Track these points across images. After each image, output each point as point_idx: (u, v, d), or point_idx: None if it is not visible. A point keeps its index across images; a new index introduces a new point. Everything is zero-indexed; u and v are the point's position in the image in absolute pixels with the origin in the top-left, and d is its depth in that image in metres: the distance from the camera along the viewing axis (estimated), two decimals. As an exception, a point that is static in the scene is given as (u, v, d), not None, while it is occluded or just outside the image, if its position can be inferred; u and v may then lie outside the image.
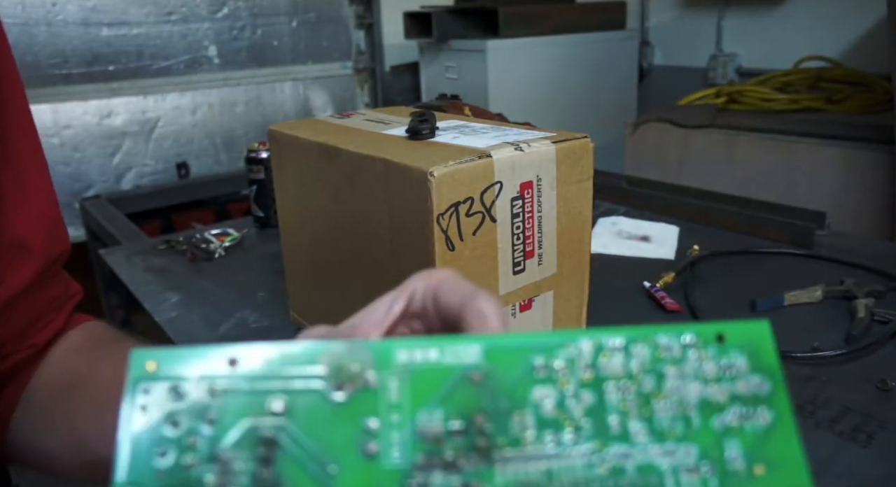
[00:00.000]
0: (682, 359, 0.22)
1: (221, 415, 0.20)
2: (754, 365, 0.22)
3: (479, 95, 1.93)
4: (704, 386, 0.22)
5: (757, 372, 0.22)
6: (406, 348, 0.22)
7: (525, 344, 0.22)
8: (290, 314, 0.70)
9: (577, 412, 0.21)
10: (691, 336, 0.22)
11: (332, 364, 0.21)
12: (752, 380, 0.22)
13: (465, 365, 0.22)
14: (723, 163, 1.66)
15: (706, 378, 0.22)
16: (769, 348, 0.22)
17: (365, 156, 0.49)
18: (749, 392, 0.22)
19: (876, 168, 1.41)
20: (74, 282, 0.53)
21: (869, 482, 0.45)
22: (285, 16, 1.98)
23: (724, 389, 0.22)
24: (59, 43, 1.65)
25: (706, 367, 0.22)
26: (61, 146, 1.69)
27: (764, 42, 2.16)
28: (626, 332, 0.22)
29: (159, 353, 0.21)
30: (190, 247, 0.93)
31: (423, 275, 0.27)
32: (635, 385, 0.22)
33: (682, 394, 0.22)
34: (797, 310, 0.70)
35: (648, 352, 0.22)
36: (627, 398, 0.21)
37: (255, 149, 1.00)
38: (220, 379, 0.21)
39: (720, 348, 0.22)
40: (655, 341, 0.22)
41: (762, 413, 0.22)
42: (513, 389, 0.21)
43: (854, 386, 0.56)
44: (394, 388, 0.21)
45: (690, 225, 0.96)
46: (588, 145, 0.51)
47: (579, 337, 0.22)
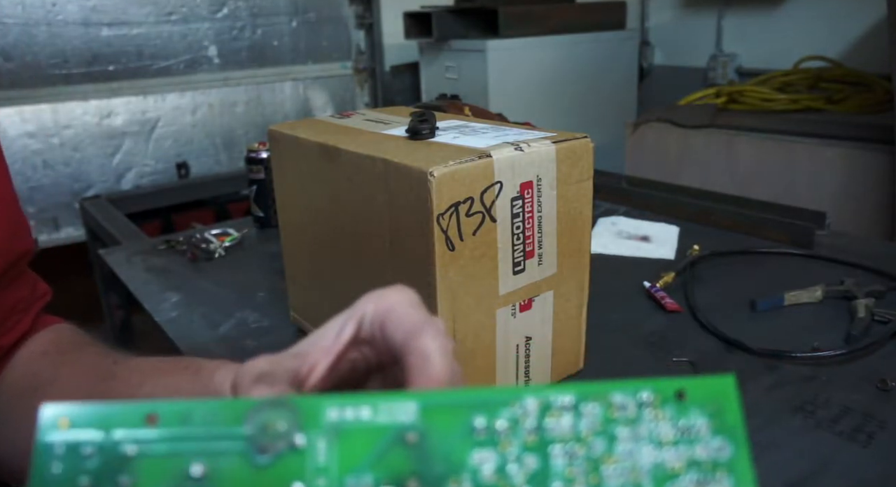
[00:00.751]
0: (636, 419, 0.20)
1: (137, 481, 0.19)
2: (716, 426, 0.20)
3: (479, 95, 1.93)
4: (659, 450, 0.20)
5: (719, 433, 0.20)
6: (337, 406, 0.20)
7: (466, 401, 0.21)
8: (290, 314, 0.70)
9: (518, 478, 0.20)
10: (648, 393, 0.20)
11: (258, 422, 0.20)
12: (713, 444, 0.20)
13: (399, 424, 0.20)
14: (723, 163, 1.66)
15: (661, 441, 0.20)
16: (733, 406, 0.20)
17: (365, 156, 0.49)
18: (708, 457, 0.20)
19: (876, 168, 1.41)
20: (42, 283, 0.52)
21: (869, 482, 0.45)
22: (285, 16, 1.98)
23: (682, 454, 0.20)
24: (59, 43, 1.65)
25: (662, 429, 0.20)
26: (61, 146, 1.69)
27: (764, 42, 2.16)
28: (577, 389, 0.20)
29: (72, 409, 0.20)
30: (190, 247, 0.93)
31: (374, 297, 0.26)
32: (584, 448, 0.20)
33: (635, 459, 0.20)
34: (797, 310, 0.70)
35: (600, 412, 0.20)
36: (574, 463, 0.20)
37: (255, 149, 1.00)
38: (135, 442, 0.19)
39: (679, 406, 0.20)
40: (608, 399, 0.20)
41: (721, 480, 0.19)
42: (450, 452, 0.20)
43: (854, 386, 0.56)
44: (322, 450, 0.20)
45: (690, 225, 0.96)
46: (588, 145, 0.51)
47: (525, 395, 0.20)
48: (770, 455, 0.48)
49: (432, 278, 0.46)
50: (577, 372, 0.59)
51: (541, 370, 0.56)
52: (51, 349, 0.48)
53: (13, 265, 0.47)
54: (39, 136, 1.65)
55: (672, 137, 1.74)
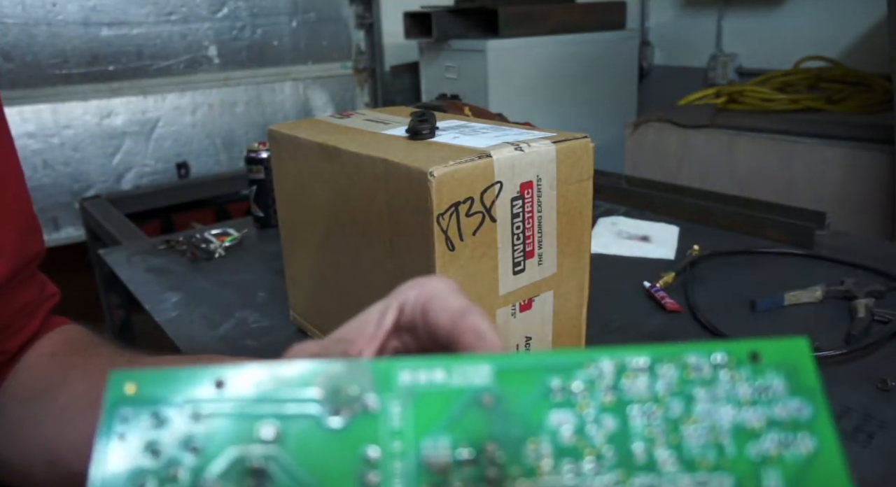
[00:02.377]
0: (712, 381, 0.20)
1: (206, 444, 0.19)
2: (793, 386, 0.20)
3: (479, 95, 1.93)
4: (738, 410, 0.20)
5: (796, 394, 0.20)
6: (409, 368, 0.20)
7: (540, 363, 0.20)
8: (290, 314, 0.70)
9: (597, 439, 0.19)
10: (722, 355, 0.20)
11: (329, 386, 0.20)
12: (791, 404, 0.20)
13: (474, 387, 0.20)
14: (723, 163, 1.66)
15: (740, 401, 0.20)
16: (809, 367, 0.20)
17: (365, 156, 0.49)
18: (788, 416, 0.20)
19: (876, 168, 1.41)
20: (51, 284, 0.51)
21: (869, 482, 0.45)
22: (285, 16, 1.98)
23: (761, 413, 0.20)
24: (59, 43, 1.65)
25: (740, 389, 0.20)
26: (61, 146, 1.69)
27: (764, 42, 2.16)
28: (652, 351, 0.20)
29: (139, 375, 0.20)
30: (190, 247, 0.93)
31: (414, 284, 0.25)
32: (662, 408, 0.20)
33: (714, 419, 0.20)
34: (797, 310, 0.70)
35: (676, 373, 0.20)
36: (653, 423, 0.20)
37: (255, 149, 1.00)
38: (206, 404, 0.19)
39: (755, 368, 0.20)
40: (684, 360, 0.20)
41: (803, 440, 0.19)
42: (527, 414, 0.20)
43: (854, 386, 0.56)
44: (396, 413, 0.20)
45: (690, 225, 0.96)
46: (588, 145, 0.51)
47: (600, 357, 0.20)
48: (770, 455, 0.48)
49: (432, 278, 0.46)
50: (577, 372, 0.59)
51: (541, 370, 0.56)
52: (59, 350, 0.47)
53: (24, 267, 0.47)
54: (39, 136, 1.65)
55: (672, 137, 1.74)
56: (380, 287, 0.53)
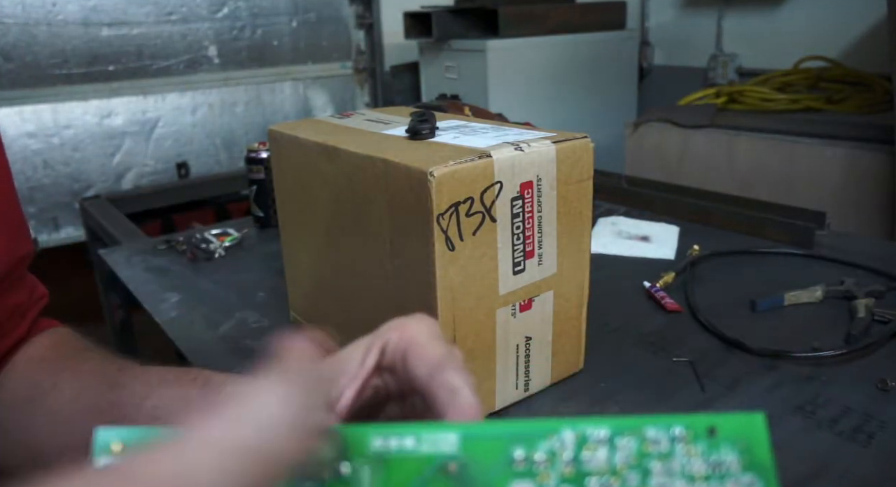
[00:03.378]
0: (669, 454, 0.21)
1: None
2: (746, 463, 0.21)
3: (479, 95, 1.93)
4: (692, 484, 0.20)
5: (749, 470, 0.21)
6: (381, 435, 0.21)
7: (504, 433, 0.21)
8: (290, 314, 0.70)
9: None
10: (681, 429, 0.21)
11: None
12: (744, 480, 0.21)
13: (441, 454, 0.21)
14: (723, 163, 1.66)
15: (694, 476, 0.20)
16: (763, 443, 0.21)
17: (365, 156, 0.49)
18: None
19: (876, 168, 1.41)
20: (41, 286, 0.51)
21: (869, 482, 0.45)
22: (285, 16, 1.98)
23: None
24: (59, 43, 1.65)
25: (695, 464, 0.21)
26: (61, 146, 1.69)
27: (764, 42, 2.16)
28: (612, 423, 0.21)
29: (125, 433, 0.20)
30: (190, 247, 0.93)
31: (396, 326, 0.26)
32: (619, 481, 0.20)
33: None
34: (797, 310, 0.70)
35: (634, 446, 0.21)
36: None
37: (255, 149, 1.00)
38: None
39: (711, 442, 0.21)
40: (643, 433, 0.21)
41: None
42: (490, 483, 0.20)
43: (854, 386, 0.56)
44: (366, 478, 0.20)
45: (690, 225, 0.96)
46: (588, 145, 0.51)
47: (562, 428, 0.21)
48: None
49: (432, 278, 0.46)
50: (577, 372, 0.59)
51: (541, 370, 0.56)
52: (49, 355, 0.46)
53: (13, 269, 0.46)
54: (39, 136, 1.65)
55: (672, 137, 1.74)
56: (380, 287, 0.53)
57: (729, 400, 0.55)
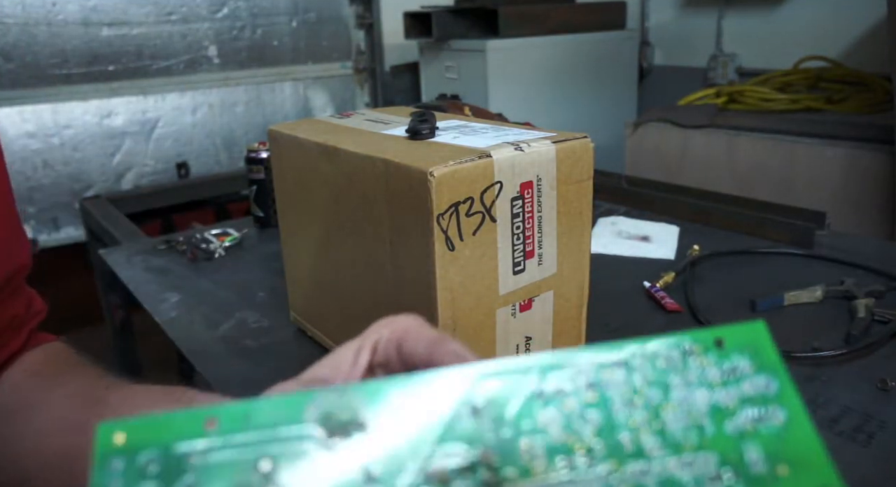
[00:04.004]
0: (684, 368, 0.21)
1: (200, 482, 0.19)
2: (757, 365, 0.22)
3: (479, 95, 1.93)
4: (711, 391, 0.21)
5: (761, 372, 0.21)
6: (399, 387, 0.21)
7: (521, 368, 0.21)
8: (290, 314, 0.70)
9: (586, 433, 0.20)
10: (690, 343, 0.22)
11: (322, 413, 0.20)
12: (758, 381, 0.21)
13: (462, 397, 0.21)
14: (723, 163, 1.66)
15: (711, 383, 0.21)
16: (769, 346, 0.22)
17: (365, 156, 0.49)
18: (757, 392, 0.21)
19: (876, 168, 1.41)
20: (39, 300, 0.50)
21: (869, 482, 0.45)
22: (285, 16, 1.98)
23: (732, 393, 0.21)
24: (59, 43, 1.65)
25: (710, 373, 0.21)
26: (61, 146, 1.69)
27: (764, 42, 2.16)
28: (623, 346, 0.22)
29: (127, 424, 0.20)
30: (190, 247, 0.93)
31: (386, 323, 0.26)
32: (642, 398, 0.21)
33: (691, 403, 0.21)
34: (797, 310, 0.70)
35: (649, 365, 0.21)
36: (636, 413, 0.21)
37: (255, 149, 1.00)
38: (198, 449, 0.19)
39: (720, 353, 0.22)
40: (654, 352, 0.22)
41: (774, 412, 0.21)
42: (515, 417, 0.20)
43: (854, 386, 0.56)
44: (390, 429, 0.20)
45: (690, 225, 0.96)
46: (588, 145, 0.51)
47: (576, 357, 0.21)
48: (770, 455, 0.48)
49: (432, 278, 0.46)
50: (577, 372, 0.59)
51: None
52: (43, 370, 0.46)
53: (10, 279, 0.46)
54: (39, 136, 1.65)
55: (672, 137, 1.74)
56: (380, 287, 0.53)
57: (729, 400, 0.55)
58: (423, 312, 0.48)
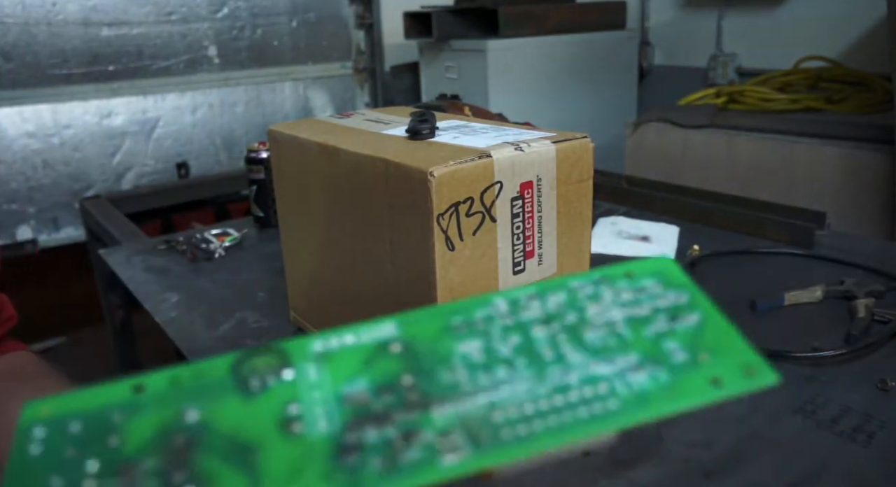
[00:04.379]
0: (597, 295, 0.22)
1: (127, 438, 0.19)
2: (667, 284, 0.23)
3: (479, 95, 1.93)
4: (626, 308, 0.22)
5: (671, 288, 0.23)
6: (321, 338, 0.22)
7: (439, 311, 0.22)
8: (290, 314, 0.70)
9: (506, 352, 0.21)
10: (599, 275, 0.23)
11: (245, 369, 0.21)
12: (669, 296, 0.22)
13: (382, 339, 0.21)
14: (723, 163, 1.66)
15: (624, 302, 0.22)
16: (677, 272, 0.23)
17: (365, 156, 0.49)
18: (669, 304, 0.22)
19: (876, 168, 1.41)
20: (9, 308, 0.49)
21: (869, 482, 0.45)
22: (285, 16, 1.98)
23: (646, 306, 0.22)
24: (59, 43, 1.65)
25: (623, 295, 0.23)
26: (61, 146, 1.69)
27: (764, 42, 2.16)
28: (537, 285, 0.23)
29: (54, 399, 0.20)
30: (190, 247, 0.93)
31: None
32: (559, 321, 0.22)
33: (607, 318, 0.22)
34: (797, 310, 0.70)
35: (564, 296, 0.22)
36: (555, 332, 0.21)
37: (255, 149, 1.00)
38: (123, 410, 0.20)
39: (630, 280, 0.23)
40: (568, 286, 0.23)
41: (688, 316, 0.22)
42: (435, 348, 0.21)
43: (854, 386, 0.56)
44: (312, 372, 0.21)
45: (690, 225, 0.96)
46: (588, 145, 0.51)
47: (493, 297, 0.22)
48: (770, 455, 0.48)
49: (432, 278, 0.46)
50: (577, 372, 0.59)
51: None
52: (5, 378, 0.46)
53: None
54: (39, 136, 1.65)
55: (672, 137, 1.74)
56: (380, 287, 0.53)
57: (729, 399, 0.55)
58: (423, 312, 0.48)
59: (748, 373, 0.21)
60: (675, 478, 0.46)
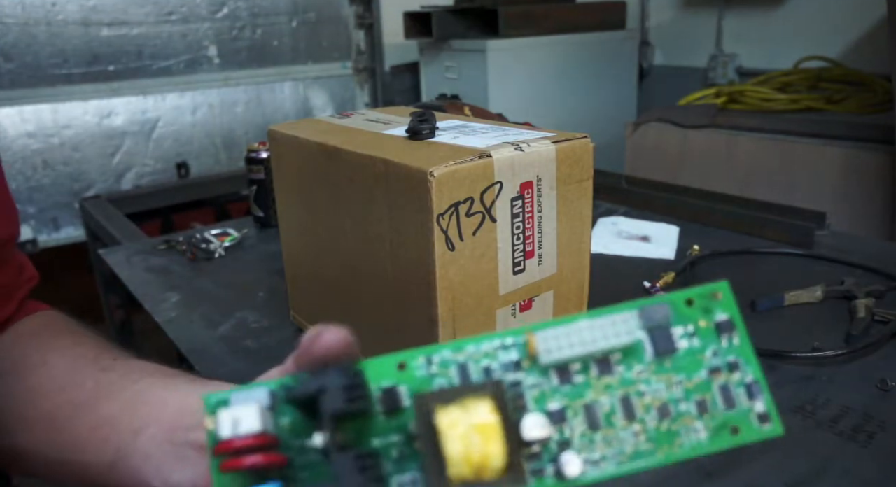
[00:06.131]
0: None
1: None
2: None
3: (479, 95, 1.93)
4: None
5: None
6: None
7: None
8: (290, 314, 0.70)
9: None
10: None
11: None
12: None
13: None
14: (723, 163, 1.66)
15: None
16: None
17: (365, 156, 0.49)
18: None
19: (876, 168, 1.40)
20: (30, 267, 0.50)
21: (869, 482, 0.45)
22: (285, 16, 1.98)
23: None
24: (59, 43, 1.65)
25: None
26: (61, 146, 1.69)
27: (764, 42, 2.16)
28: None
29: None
30: (190, 247, 0.93)
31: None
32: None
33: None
34: (797, 310, 0.70)
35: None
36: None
37: (255, 149, 1.00)
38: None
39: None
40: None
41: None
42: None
43: (854, 386, 0.56)
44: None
45: (690, 225, 0.96)
46: (588, 145, 0.51)
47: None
48: (770, 455, 0.48)
49: (432, 278, 0.46)
50: (577, 372, 0.59)
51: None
52: (41, 332, 0.46)
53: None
54: (39, 136, 1.65)
55: (672, 137, 1.74)
56: (380, 287, 0.53)
57: (729, 400, 0.55)
58: (423, 312, 0.48)
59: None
60: (675, 478, 0.46)
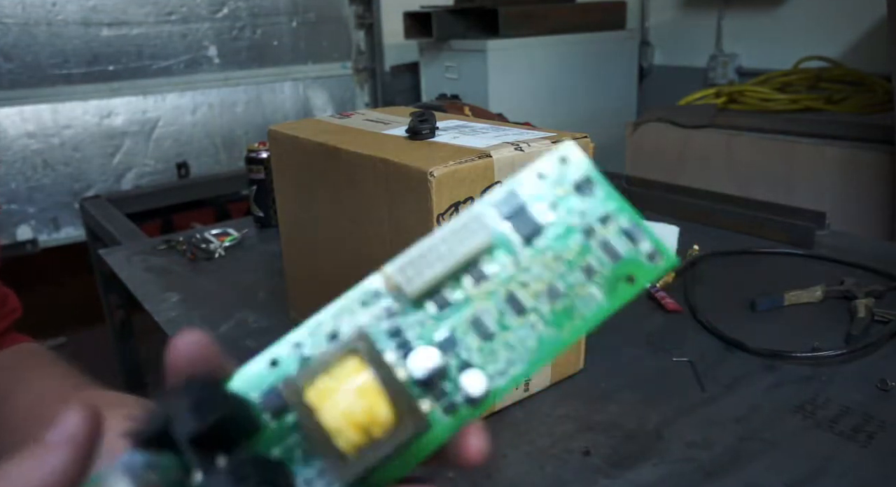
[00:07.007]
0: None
1: None
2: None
3: (479, 95, 1.93)
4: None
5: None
6: None
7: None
8: (290, 314, 0.70)
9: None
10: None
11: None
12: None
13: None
14: (723, 163, 1.66)
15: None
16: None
17: (365, 156, 0.49)
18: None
19: (876, 168, 1.41)
20: (13, 299, 0.50)
21: (869, 482, 0.45)
22: (285, 16, 1.98)
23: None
24: (59, 43, 1.65)
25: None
26: (61, 146, 1.69)
27: (764, 42, 2.16)
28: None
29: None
30: (190, 247, 0.93)
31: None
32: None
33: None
34: (797, 310, 0.70)
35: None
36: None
37: (255, 149, 1.00)
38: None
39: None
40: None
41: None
42: None
43: (854, 386, 0.56)
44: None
45: (690, 225, 0.96)
46: (588, 145, 0.51)
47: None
48: (770, 454, 0.48)
49: (432, 278, 0.46)
50: (577, 371, 0.59)
51: (540, 371, 0.56)
52: (11, 365, 0.46)
53: None
54: (39, 136, 1.65)
55: (672, 137, 1.74)
56: (380, 287, 0.53)
57: (729, 399, 0.55)
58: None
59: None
60: (675, 478, 0.46)
